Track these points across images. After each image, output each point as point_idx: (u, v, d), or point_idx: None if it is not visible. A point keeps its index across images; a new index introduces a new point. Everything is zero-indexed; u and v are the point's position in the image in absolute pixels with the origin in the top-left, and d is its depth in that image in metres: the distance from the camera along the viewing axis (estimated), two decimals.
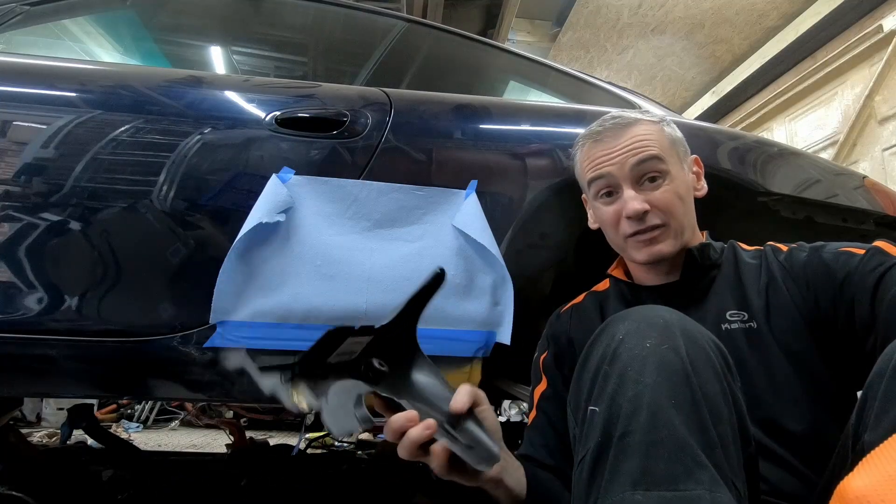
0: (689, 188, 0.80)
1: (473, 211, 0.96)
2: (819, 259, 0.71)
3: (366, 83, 1.33)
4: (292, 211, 0.92)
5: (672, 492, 0.45)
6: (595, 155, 0.79)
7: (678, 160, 0.79)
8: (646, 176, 0.76)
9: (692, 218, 0.80)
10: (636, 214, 0.75)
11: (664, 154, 0.77)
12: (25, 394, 1.67)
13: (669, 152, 0.78)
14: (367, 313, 0.91)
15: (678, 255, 0.78)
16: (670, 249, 0.76)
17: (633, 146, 0.76)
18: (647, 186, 0.76)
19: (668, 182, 0.76)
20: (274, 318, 0.89)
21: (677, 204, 0.76)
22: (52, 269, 0.86)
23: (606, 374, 0.54)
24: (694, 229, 0.80)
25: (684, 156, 0.81)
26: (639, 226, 0.76)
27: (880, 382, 0.47)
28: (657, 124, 0.80)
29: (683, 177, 0.79)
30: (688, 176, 0.80)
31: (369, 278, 0.92)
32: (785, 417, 0.66)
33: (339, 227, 0.94)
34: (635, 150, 0.76)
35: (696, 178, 0.83)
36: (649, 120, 0.80)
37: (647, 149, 0.76)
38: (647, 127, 0.79)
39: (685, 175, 0.80)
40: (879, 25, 3.98)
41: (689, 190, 0.80)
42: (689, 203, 0.79)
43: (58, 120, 0.90)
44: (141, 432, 3.33)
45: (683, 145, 0.82)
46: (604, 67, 5.61)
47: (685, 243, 0.78)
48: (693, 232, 0.80)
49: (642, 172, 0.76)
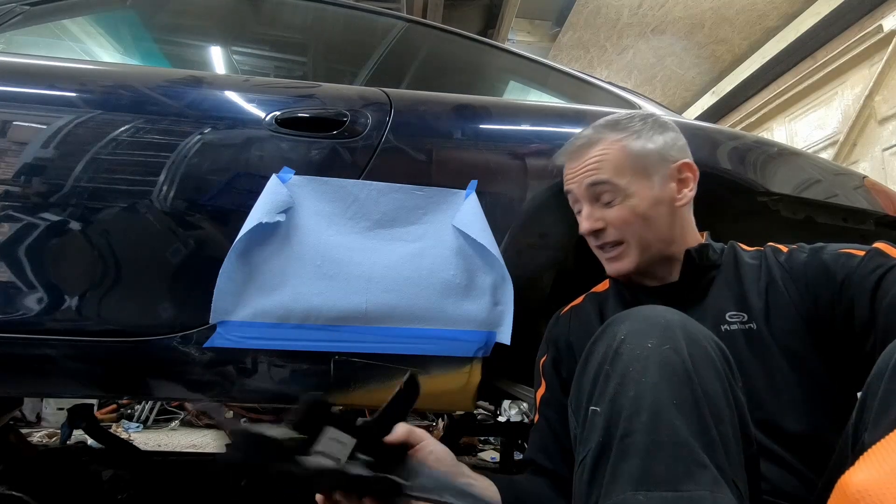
0: (656, 202, 0.77)
1: (473, 211, 0.96)
2: (819, 260, 0.71)
3: (366, 83, 1.33)
4: (292, 211, 0.92)
5: (673, 492, 0.45)
6: (565, 172, 0.84)
7: (643, 175, 0.77)
8: (600, 196, 0.79)
9: (667, 230, 0.78)
10: (586, 233, 0.80)
11: (618, 175, 0.77)
12: (25, 394, 1.67)
13: (628, 170, 0.77)
14: (367, 313, 0.91)
15: (674, 259, 0.78)
16: (630, 267, 0.78)
17: (587, 168, 0.79)
18: (603, 205, 0.79)
19: (622, 200, 0.77)
20: (274, 318, 0.89)
21: (634, 220, 0.77)
22: (53, 269, 0.86)
23: (608, 374, 0.54)
24: (676, 239, 0.79)
25: (657, 168, 0.78)
26: (598, 241, 0.80)
27: (880, 383, 0.47)
28: (620, 141, 0.79)
29: (647, 192, 0.77)
30: (657, 189, 0.78)
31: (369, 278, 0.92)
32: (784, 418, 0.66)
33: (339, 226, 0.94)
34: (589, 173, 0.79)
35: (679, 187, 0.79)
36: (612, 138, 0.79)
37: (598, 173, 0.78)
38: (604, 147, 0.79)
39: (651, 189, 0.77)
40: (879, 25, 3.98)
41: (658, 203, 0.77)
42: (655, 217, 0.77)
43: (58, 120, 0.90)
44: (141, 432, 3.32)
45: (659, 155, 0.79)
46: (604, 67, 5.61)
47: (657, 255, 0.78)
48: (674, 241, 0.79)
49: (596, 193, 0.79)
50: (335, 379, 0.91)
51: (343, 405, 0.95)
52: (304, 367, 0.91)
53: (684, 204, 0.79)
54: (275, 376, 0.91)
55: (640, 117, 0.82)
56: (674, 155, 0.80)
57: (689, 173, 0.80)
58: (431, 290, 0.93)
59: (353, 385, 0.92)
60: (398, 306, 0.92)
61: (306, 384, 0.92)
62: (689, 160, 0.81)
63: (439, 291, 0.93)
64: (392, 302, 0.92)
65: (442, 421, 3.04)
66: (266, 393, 0.91)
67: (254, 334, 0.88)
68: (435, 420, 3.10)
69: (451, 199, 0.98)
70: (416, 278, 0.93)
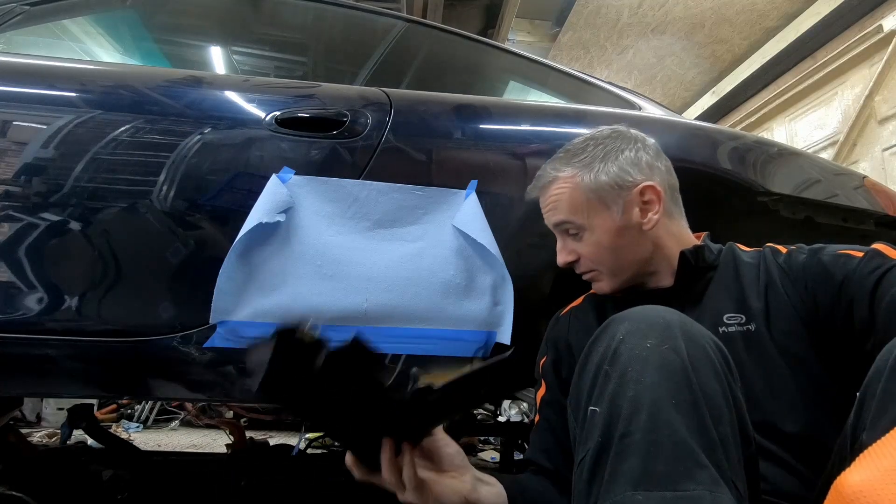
0: (619, 232, 0.77)
1: (473, 211, 0.96)
2: (818, 261, 0.71)
3: (366, 83, 1.33)
4: (292, 211, 0.92)
5: (672, 492, 0.45)
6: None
7: (602, 208, 0.77)
8: (567, 231, 0.80)
9: (637, 254, 0.78)
10: (562, 266, 0.82)
11: (575, 213, 0.78)
12: (25, 394, 1.67)
13: (585, 206, 0.77)
14: (367, 313, 0.91)
15: (661, 267, 0.79)
16: (608, 289, 0.81)
17: (548, 208, 0.81)
18: (571, 238, 0.80)
19: (587, 235, 0.78)
20: (274, 318, 0.89)
21: (601, 252, 0.78)
22: (52, 269, 0.86)
23: (607, 374, 0.54)
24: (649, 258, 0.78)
25: (614, 198, 0.77)
26: (577, 269, 0.82)
27: (878, 383, 0.47)
28: (572, 178, 0.78)
29: (609, 224, 0.77)
30: (619, 219, 0.77)
31: (369, 278, 0.92)
32: (783, 419, 0.66)
33: (339, 226, 0.94)
34: (551, 213, 0.81)
35: (644, 212, 0.77)
36: (564, 175, 0.79)
37: (557, 213, 0.80)
38: (559, 186, 0.79)
39: (612, 221, 0.77)
40: (879, 25, 3.98)
41: (623, 232, 0.77)
42: (623, 245, 0.77)
43: (58, 120, 0.90)
44: (141, 432, 3.32)
45: (614, 186, 0.77)
46: (604, 67, 5.61)
47: (638, 273, 0.79)
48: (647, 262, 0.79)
49: (562, 230, 0.81)
50: None
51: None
52: None
53: (651, 227, 0.77)
54: None
55: (595, 143, 0.80)
56: (631, 180, 0.77)
57: (652, 195, 0.77)
58: (431, 290, 0.93)
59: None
60: (398, 306, 0.92)
61: None
62: (650, 182, 0.77)
63: (439, 291, 0.93)
64: (392, 302, 0.92)
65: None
66: None
67: (254, 334, 0.88)
68: None
69: (450, 199, 0.98)
70: (416, 278, 0.93)
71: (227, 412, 3.32)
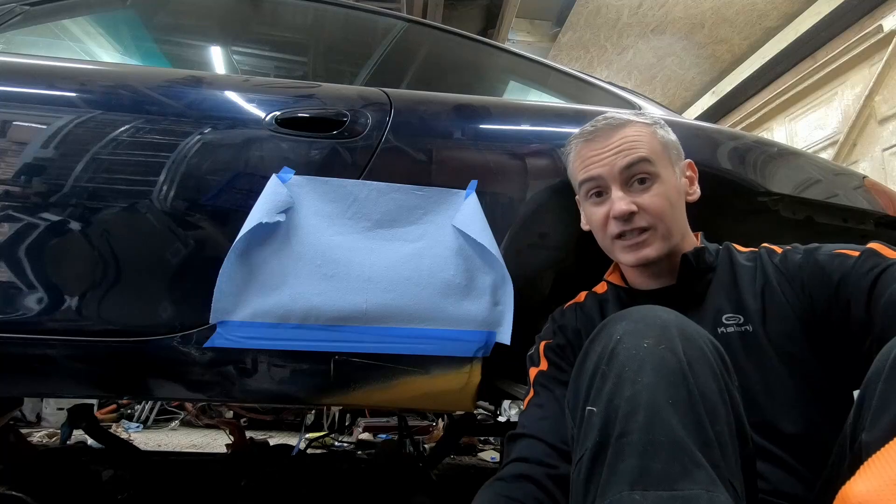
0: (680, 192, 0.79)
1: (473, 211, 0.96)
2: (814, 261, 0.71)
3: (366, 83, 1.33)
4: (292, 211, 0.92)
5: (670, 491, 0.45)
6: (586, 155, 0.80)
7: (669, 164, 0.79)
8: (635, 178, 0.76)
9: (682, 222, 0.79)
10: (622, 215, 0.75)
11: (654, 157, 0.77)
12: (26, 394, 1.67)
13: (660, 155, 0.78)
14: (367, 313, 0.91)
15: (672, 260, 0.78)
16: (657, 254, 0.76)
17: (622, 148, 0.77)
18: (637, 189, 0.77)
19: (657, 185, 0.76)
20: (274, 318, 0.89)
21: (666, 207, 0.76)
22: (52, 269, 0.86)
23: (604, 374, 0.54)
24: (685, 233, 0.80)
25: (677, 159, 0.81)
26: (626, 226, 0.76)
27: (877, 382, 0.47)
28: (649, 126, 0.80)
29: (674, 181, 0.79)
30: (679, 180, 0.80)
31: (369, 278, 0.92)
32: (781, 419, 0.66)
33: (339, 227, 0.95)
34: (625, 152, 0.76)
35: (689, 183, 0.83)
36: (641, 122, 0.80)
37: (636, 150, 0.76)
38: (638, 128, 0.79)
39: (676, 179, 0.79)
40: (879, 25, 3.98)
41: (681, 194, 0.80)
42: (679, 207, 0.79)
43: (58, 120, 0.91)
44: (141, 432, 3.33)
45: (677, 149, 0.82)
46: (604, 67, 5.61)
47: (674, 247, 0.78)
48: (683, 236, 0.79)
49: (631, 175, 0.76)
50: (335, 379, 0.91)
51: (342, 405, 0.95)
52: (304, 367, 0.91)
53: (694, 200, 0.82)
54: (275, 376, 0.91)
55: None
56: (682, 153, 0.83)
57: (692, 172, 0.84)
58: (431, 289, 0.93)
59: (353, 385, 0.92)
60: (398, 306, 0.92)
61: (306, 384, 0.92)
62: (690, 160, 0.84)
63: (439, 291, 0.93)
64: (392, 302, 0.92)
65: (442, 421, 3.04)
66: (266, 393, 0.91)
67: (254, 334, 0.88)
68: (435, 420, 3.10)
69: (450, 199, 0.98)
70: (416, 278, 0.93)
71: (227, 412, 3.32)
